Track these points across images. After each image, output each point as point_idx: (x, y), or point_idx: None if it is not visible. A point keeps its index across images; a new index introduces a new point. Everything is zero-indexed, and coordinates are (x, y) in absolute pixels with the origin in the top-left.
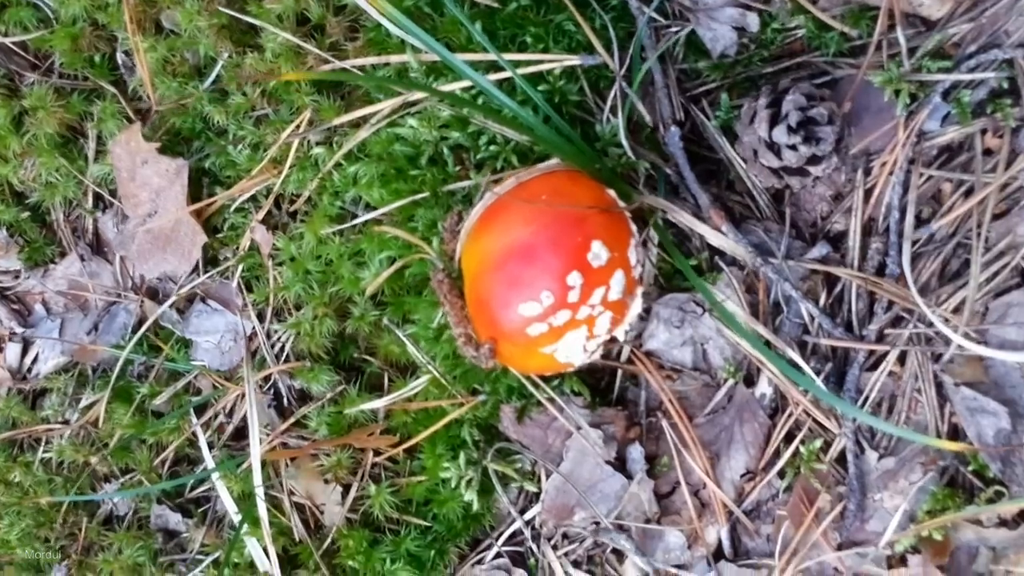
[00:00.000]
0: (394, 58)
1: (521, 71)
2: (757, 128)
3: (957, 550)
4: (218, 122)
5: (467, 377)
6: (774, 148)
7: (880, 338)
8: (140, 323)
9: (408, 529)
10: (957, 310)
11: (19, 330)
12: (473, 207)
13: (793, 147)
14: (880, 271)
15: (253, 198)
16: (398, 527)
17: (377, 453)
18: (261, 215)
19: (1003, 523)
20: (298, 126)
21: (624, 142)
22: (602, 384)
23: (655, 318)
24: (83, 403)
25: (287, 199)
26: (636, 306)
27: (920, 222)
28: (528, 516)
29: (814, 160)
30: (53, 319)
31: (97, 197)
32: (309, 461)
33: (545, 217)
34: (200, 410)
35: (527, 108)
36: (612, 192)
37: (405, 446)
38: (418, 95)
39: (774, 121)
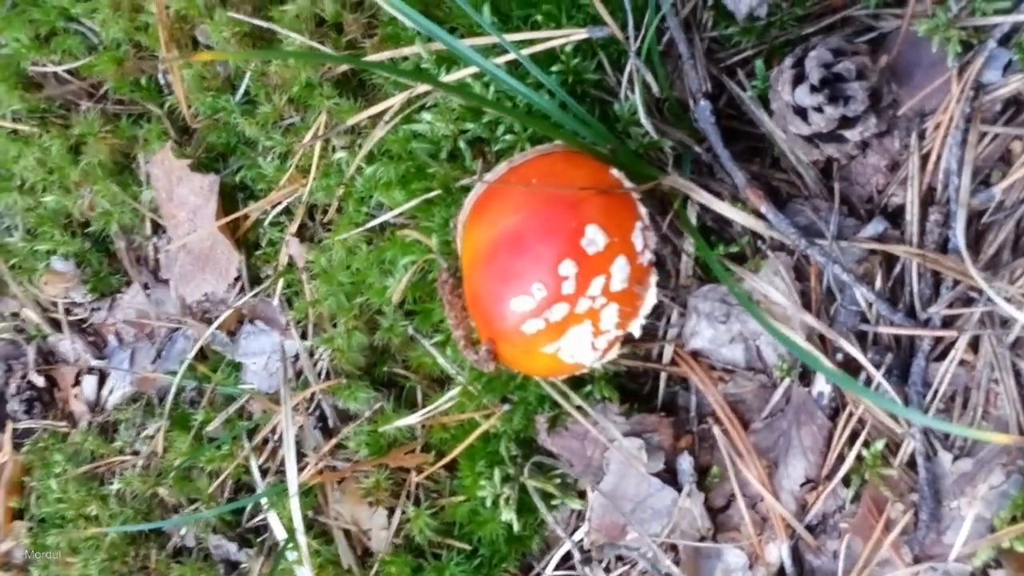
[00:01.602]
0: (407, 50)
1: (529, 51)
2: (781, 91)
3: None
4: (249, 134)
5: (493, 385)
6: (802, 112)
7: (947, 323)
8: (199, 349)
9: (452, 553)
10: None
11: (94, 362)
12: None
13: (819, 108)
14: (942, 246)
15: (288, 211)
16: (443, 551)
17: (419, 472)
18: (295, 227)
19: None
20: (317, 130)
21: (644, 120)
22: (645, 389)
23: (693, 313)
24: (146, 433)
25: (320, 209)
26: (650, 297)
27: (984, 187)
28: (578, 536)
29: (847, 122)
30: (124, 349)
31: (155, 223)
32: (353, 484)
33: (535, 202)
34: (253, 434)
35: (541, 91)
36: (617, 172)
37: (441, 463)
38: (450, 78)
39: (798, 82)
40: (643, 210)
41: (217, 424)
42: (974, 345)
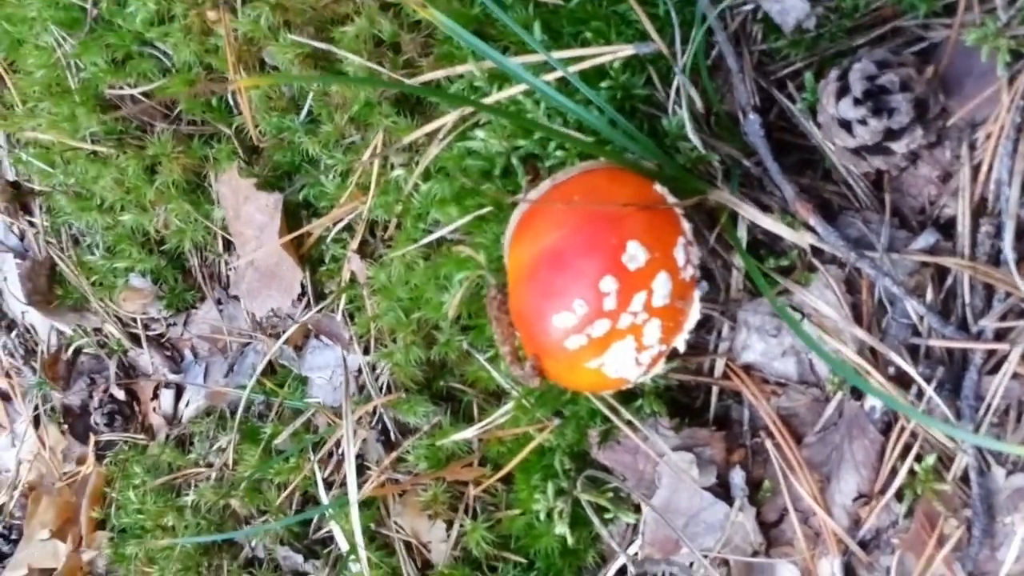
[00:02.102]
0: (460, 68)
1: (578, 67)
2: (826, 105)
3: None
4: (312, 153)
5: (545, 400)
6: (847, 125)
7: (1000, 336)
8: (268, 363)
9: (507, 567)
10: None
11: (171, 376)
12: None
13: (863, 121)
14: (995, 258)
15: (349, 227)
16: (500, 563)
17: (477, 486)
18: (356, 244)
19: None
20: (374, 148)
21: (691, 135)
22: (697, 403)
23: (743, 327)
24: (218, 445)
25: (380, 225)
26: (694, 312)
27: None
28: (632, 550)
29: (892, 135)
30: (199, 364)
31: (226, 240)
32: (413, 497)
33: (576, 219)
34: (318, 447)
35: (591, 108)
36: (660, 188)
37: (497, 477)
38: (490, 100)
39: (842, 95)
40: (686, 225)
41: (284, 437)
42: None
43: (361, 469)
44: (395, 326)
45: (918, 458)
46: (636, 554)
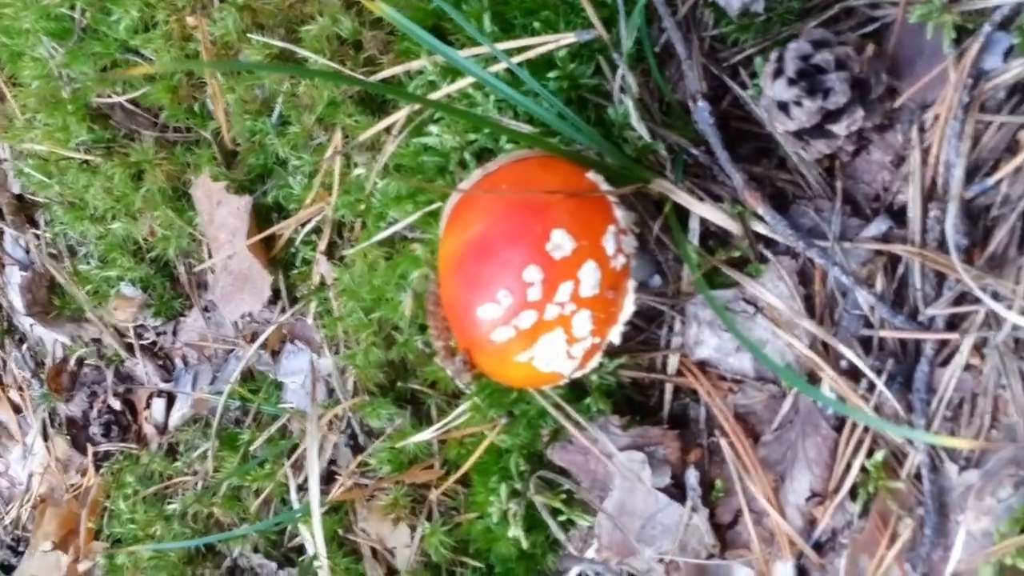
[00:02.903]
0: (415, 64)
1: (522, 58)
2: (764, 87)
3: None
4: (282, 155)
5: (496, 399)
6: (785, 108)
7: (952, 325)
8: (248, 369)
9: (467, 571)
10: None
11: (162, 385)
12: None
13: (798, 102)
14: (944, 244)
15: (319, 229)
16: (460, 569)
17: (438, 488)
18: (323, 245)
19: None
20: (335, 147)
21: (635, 124)
22: (652, 401)
23: (694, 321)
24: (199, 452)
25: (348, 226)
26: (628, 303)
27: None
28: (590, 554)
29: (831, 116)
30: (189, 372)
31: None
32: (378, 501)
33: (502, 208)
34: (292, 452)
35: (540, 99)
36: (593, 176)
37: (452, 479)
38: (438, 95)
39: (777, 76)
40: (619, 213)
41: (259, 443)
42: (981, 348)
43: (332, 475)
44: (357, 328)
45: (871, 455)
46: (593, 559)
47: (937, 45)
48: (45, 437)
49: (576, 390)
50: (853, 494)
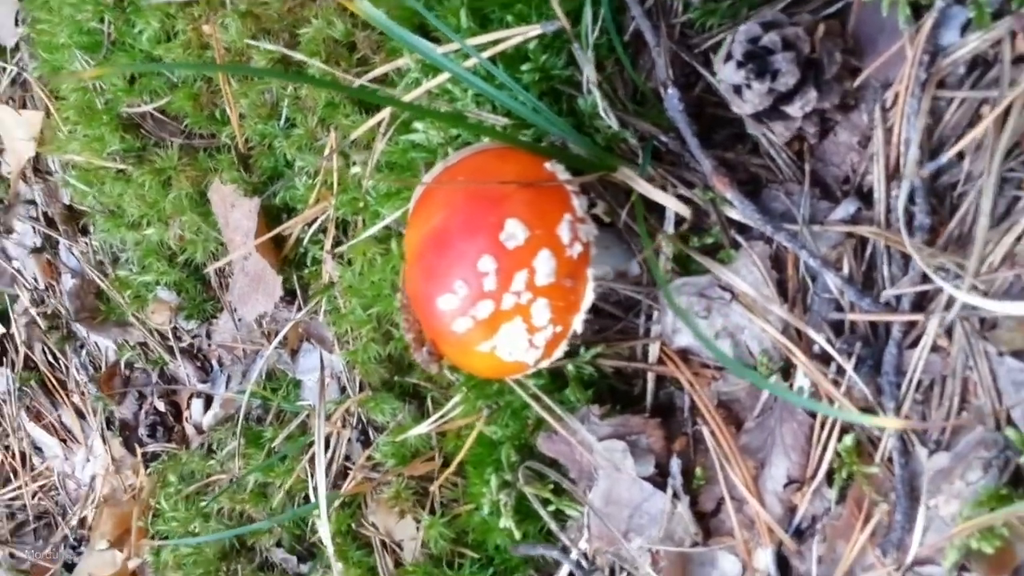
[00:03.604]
0: (400, 62)
1: (493, 51)
2: (717, 71)
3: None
4: (289, 157)
5: (480, 390)
6: (739, 91)
7: (919, 306)
8: (271, 368)
9: (464, 563)
10: (1009, 259)
11: (200, 386)
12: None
13: (748, 84)
14: (908, 224)
15: (325, 228)
16: (459, 560)
17: (434, 481)
18: (328, 244)
19: None
20: (331, 147)
21: (603, 113)
22: (635, 391)
23: (668, 309)
24: (228, 451)
25: (352, 225)
26: (589, 291)
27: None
28: (583, 544)
29: (785, 98)
30: (223, 372)
31: None
32: (382, 495)
33: (459, 199)
34: (310, 449)
35: (514, 92)
36: (551, 165)
37: (448, 471)
38: (415, 94)
39: (729, 59)
40: (577, 202)
41: (280, 441)
42: (949, 330)
43: (347, 469)
44: (358, 324)
45: (840, 439)
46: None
47: (896, 22)
48: (104, 440)
49: (558, 380)
50: (830, 480)
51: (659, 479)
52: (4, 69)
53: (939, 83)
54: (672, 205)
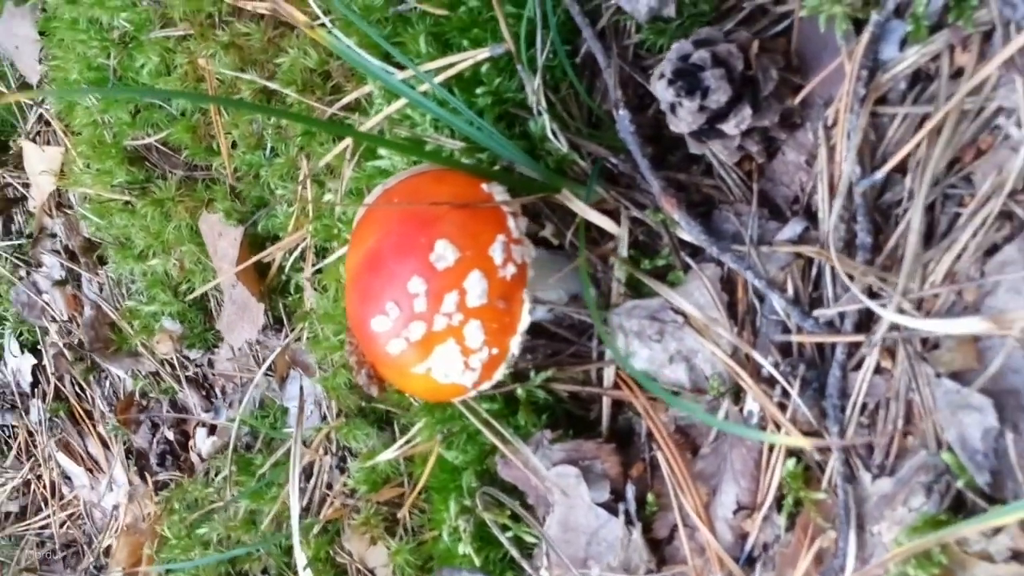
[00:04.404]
0: (367, 88)
1: (445, 76)
2: (653, 90)
3: None
4: (272, 185)
5: (434, 415)
6: (673, 109)
7: (861, 327)
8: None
9: None
10: (950, 277)
11: (203, 415)
12: None
13: (679, 103)
14: (850, 243)
15: (304, 255)
16: None
17: (404, 507)
18: (308, 271)
19: (1015, 556)
20: (304, 176)
21: (551, 136)
22: (592, 415)
23: (619, 332)
24: (219, 478)
25: (330, 251)
26: (524, 313)
27: (898, 174)
28: (543, 573)
29: (720, 116)
30: (226, 401)
31: None
32: (353, 521)
33: (393, 221)
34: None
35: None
36: (488, 187)
37: (412, 497)
38: (374, 121)
39: (661, 78)
40: (513, 223)
41: (267, 468)
42: (893, 351)
43: (324, 496)
44: (331, 350)
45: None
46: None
47: (832, 37)
48: (125, 469)
49: (512, 404)
50: (780, 506)
51: (615, 505)
52: (31, 106)
53: (881, 99)
54: (605, 224)
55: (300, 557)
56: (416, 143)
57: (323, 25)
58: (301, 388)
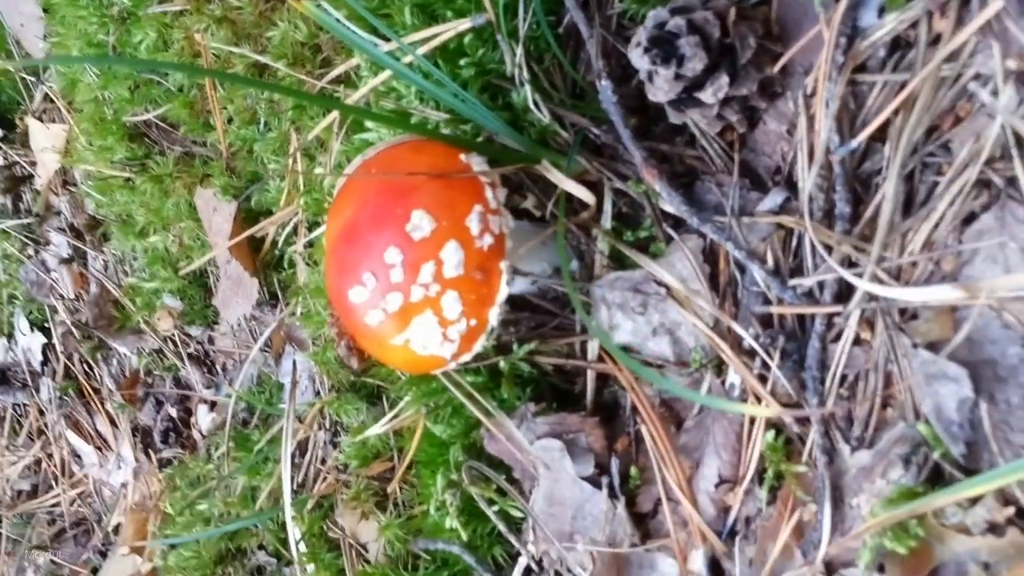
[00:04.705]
0: (353, 60)
1: (429, 47)
2: (631, 59)
3: (942, 567)
4: (264, 160)
5: (419, 387)
6: (650, 78)
7: (840, 298)
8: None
9: (420, 564)
10: (928, 247)
11: (204, 392)
12: None
13: (655, 71)
14: (828, 213)
15: (297, 230)
16: (416, 561)
17: (393, 482)
18: (300, 245)
19: (992, 528)
20: (293, 149)
21: (533, 107)
22: (577, 389)
23: (602, 305)
24: (218, 453)
25: (321, 225)
26: (503, 284)
27: (877, 143)
28: (530, 547)
29: (697, 85)
30: (227, 378)
31: None
32: (343, 496)
33: (370, 192)
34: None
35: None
36: (467, 157)
37: (400, 471)
38: (360, 93)
39: (637, 46)
40: (490, 194)
41: (263, 443)
42: (872, 322)
43: (317, 471)
44: (321, 325)
45: (775, 438)
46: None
47: (810, 4)
48: (132, 447)
49: (497, 378)
50: (762, 479)
51: (599, 479)
52: (36, 84)
53: (860, 67)
54: (582, 195)
55: (293, 532)
56: (400, 115)
57: None
58: (294, 363)
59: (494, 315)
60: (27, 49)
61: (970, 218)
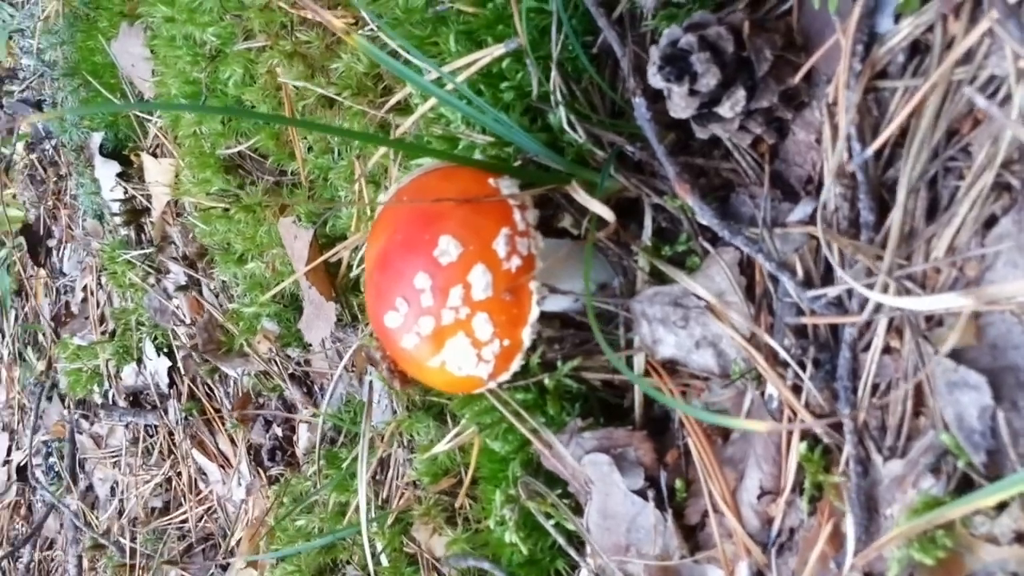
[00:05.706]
0: (408, 89)
1: (468, 73)
2: (649, 79)
3: None
4: (337, 187)
5: (469, 407)
6: (670, 96)
7: (865, 307)
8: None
9: None
10: (951, 252)
11: (304, 412)
12: None
13: (671, 89)
14: (854, 222)
15: None
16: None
17: (459, 498)
18: None
19: (1019, 538)
20: (359, 176)
21: (567, 127)
22: (626, 404)
23: (643, 320)
24: (311, 470)
25: None
26: (533, 305)
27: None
28: (589, 560)
29: (712, 100)
30: (323, 397)
31: None
32: (418, 512)
33: (401, 219)
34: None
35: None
36: (495, 181)
37: (464, 488)
38: (410, 121)
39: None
40: (519, 216)
41: (348, 461)
42: (901, 330)
43: (394, 487)
44: None
45: (811, 449)
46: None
47: (826, 14)
48: (249, 465)
49: (545, 395)
50: (801, 491)
51: (651, 492)
52: (149, 121)
53: (881, 73)
54: (604, 214)
55: (370, 547)
56: (447, 141)
57: (356, 27)
58: (371, 383)
59: (527, 335)
60: (139, 88)
61: (991, 222)
